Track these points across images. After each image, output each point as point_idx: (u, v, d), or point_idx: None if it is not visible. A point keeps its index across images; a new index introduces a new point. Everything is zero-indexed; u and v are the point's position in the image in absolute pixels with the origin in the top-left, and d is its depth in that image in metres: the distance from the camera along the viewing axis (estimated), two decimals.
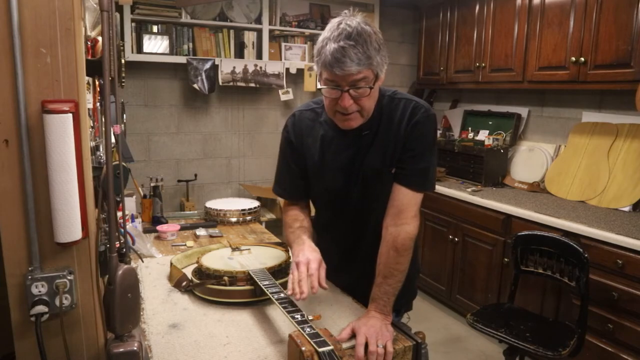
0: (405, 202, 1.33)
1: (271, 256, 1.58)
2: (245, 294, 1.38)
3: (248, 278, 1.40)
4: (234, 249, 1.64)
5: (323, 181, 1.46)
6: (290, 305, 1.18)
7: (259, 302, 1.39)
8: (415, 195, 1.33)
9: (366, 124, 1.35)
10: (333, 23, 1.23)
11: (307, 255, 1.29)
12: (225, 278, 1.39)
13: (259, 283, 1.33)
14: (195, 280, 1.45)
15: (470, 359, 2.85)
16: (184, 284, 1.48)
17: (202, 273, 1.47)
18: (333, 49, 1.18)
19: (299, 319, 1.11)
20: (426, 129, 1.34)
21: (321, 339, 1.03)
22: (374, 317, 1.23)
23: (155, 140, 3.51)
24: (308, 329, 1.06)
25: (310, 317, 1.13)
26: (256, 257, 1.57)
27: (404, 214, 1.32)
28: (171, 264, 1.60)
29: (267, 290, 1.27)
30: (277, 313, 1.33)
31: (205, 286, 1.40)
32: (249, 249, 1.65)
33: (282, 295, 1.24)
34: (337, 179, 1.43)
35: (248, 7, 3.51)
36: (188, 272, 1.53)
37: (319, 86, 1.29)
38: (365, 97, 1.26)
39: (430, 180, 1.36)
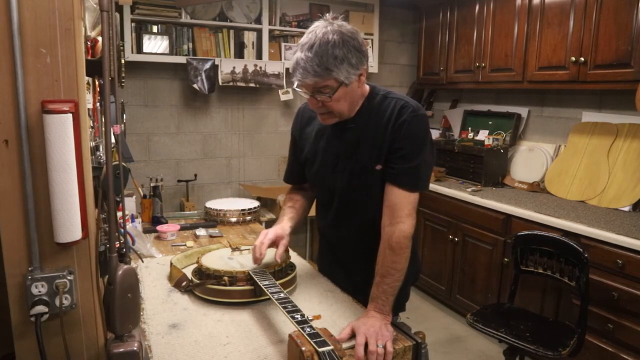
0: (398, 201, 1.33)
1: (271, 256, 1.57)
2: (245, 294, 1.38)
3: (248, 278, 1.40)
4: (234, 249, 1.64)
5: (314, 171, 1.51)
6: (290, 305, 1.18)
7: (259, 302, 1.39)
8: (407, 195, 1.34)
9: (352, 118, 1.40)
10: (309, 29, 1.29)
11: (273, 230, 1.47)
12: (225, 278, 1.39)
13: (259, 283, 1.33)
14: (195, 280, 1.45)
15: (470, 359, 2.85)
16: (184, 284, 1.48)
17: (202, 273, 1.47)
18: (296, 58, 1.27)
19: (299, 319, 1.11)
20: (414, 128, 1.34)
21: (321, 339, 1.03)
22: (373, 316, 1.23)
23: (155, 140, 3.51)
24: (308, 329, 1.06)
25: (310, 317, 1.13)
26: None
27: (397, 212, 1.33)
28: (171, 264, 1.60)
29: (267, 290, 1.27)
30: (277, 313, 1.32)
31: (205, 286, 1.40)
32: (249, 249, 1.65)
33: (282, 295, 1.24)
34: (325, 170, 1.47)
35: (248, 7, 3.51)
36: (188, 272, 1.53)
37: (294, 86, 1.36)
38: (330, 102, 1.31)
39: (422, 180, 1.37)
